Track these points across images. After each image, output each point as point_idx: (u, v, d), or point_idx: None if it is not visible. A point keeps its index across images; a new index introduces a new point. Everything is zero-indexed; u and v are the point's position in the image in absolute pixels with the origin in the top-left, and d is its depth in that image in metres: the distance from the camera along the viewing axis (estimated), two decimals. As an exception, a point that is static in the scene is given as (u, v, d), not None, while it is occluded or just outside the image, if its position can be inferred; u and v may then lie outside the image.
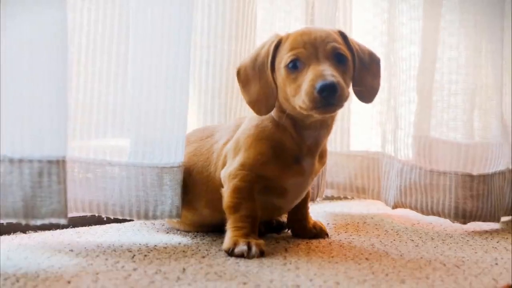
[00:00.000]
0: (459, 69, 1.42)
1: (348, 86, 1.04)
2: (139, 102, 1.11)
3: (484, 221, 1.37)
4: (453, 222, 1.38)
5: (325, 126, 1.09)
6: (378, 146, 1.56)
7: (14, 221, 0.95)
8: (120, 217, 1.13)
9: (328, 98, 0.96)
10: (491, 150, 1.42)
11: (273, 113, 1.09)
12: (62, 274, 0.88)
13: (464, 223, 1.37)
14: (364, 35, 1.60)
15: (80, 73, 1.13)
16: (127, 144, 1.13)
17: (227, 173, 1.08)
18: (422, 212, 1.41)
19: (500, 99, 1.45)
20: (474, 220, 1.37)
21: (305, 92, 0.98)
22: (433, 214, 1.39)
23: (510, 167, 1.45)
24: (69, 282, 0.84)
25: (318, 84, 0.96)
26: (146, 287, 0.83)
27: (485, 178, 1.37)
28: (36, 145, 0.95)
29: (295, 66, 1.02)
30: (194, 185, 1.15)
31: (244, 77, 1.09)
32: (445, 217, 1.38)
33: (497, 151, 1.42)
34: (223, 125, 1.24)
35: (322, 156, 1.15)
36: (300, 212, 1.21)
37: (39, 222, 0.95)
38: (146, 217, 1.12)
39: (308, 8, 1.47)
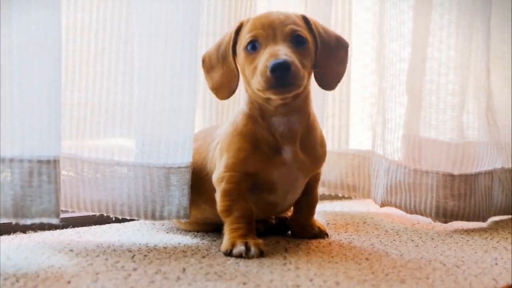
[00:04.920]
0: (445, 69, 1.41)
1: (306, 68, 1.03)
2: (146, 101, 1.11)
3: (467, 220, 1.37)
4: (434, 221, 1.38)
5: (296, 111, 1.08)
6: (369, 145, 1.55)
7: (4, 220, 0.96)
8: (128, 217, 1.14)
9: (281, 78, 0.97)
10: (475, 150, 1.41)
11: (244, 105, 1.09)
12: (62, 274, 0.88)
13: (445, 222, 1.36)
14: (363, 34, 1.60)
15: (89, 73, 1.13)
16: (134, 144, 1.13)
17: (216, 177, 1.09)
18: (406, 211, 1.40)
19: (485, 99, 1.44)
20: (456, 219, 1.36)
21: (259, 73, 0.99)
22: (416, 213, 1.39)
23: (508, 167, 1.45)
24: (69, 282, 0.84)
25: (271, 63, 0.97)
26: (146, 287, 0.83)
27: (467, 178, 1.36)
28: (26, 145, 0.95)
29: (253, 48, 1.03)
30: (196, 181, 1.15)
31: (209, 64, 1.11)
32: (427, 216, 1.37)
33: (482, 151, 1.41)
34: (222, 124, 1.24)
35: (311, 149, 1.11)
36: (302, 213, 1.20)
37: (29, 222, 0.95)
38: (153, 217, 1.12)
39: (307, 6, 1.47)
